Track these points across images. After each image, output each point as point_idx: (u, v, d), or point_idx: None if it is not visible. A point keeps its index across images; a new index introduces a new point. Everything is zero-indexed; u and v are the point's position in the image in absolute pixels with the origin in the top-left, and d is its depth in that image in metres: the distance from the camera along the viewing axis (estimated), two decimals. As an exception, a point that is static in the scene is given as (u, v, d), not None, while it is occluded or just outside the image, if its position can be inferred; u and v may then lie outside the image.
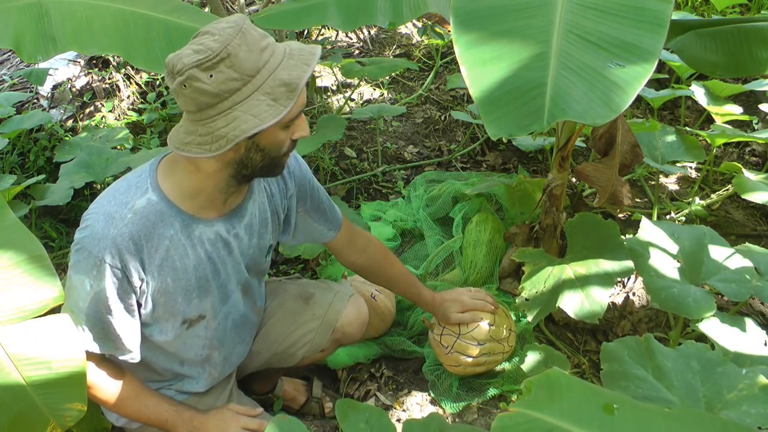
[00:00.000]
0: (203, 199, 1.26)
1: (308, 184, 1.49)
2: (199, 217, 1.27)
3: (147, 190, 1.22)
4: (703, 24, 1.99)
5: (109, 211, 1.20)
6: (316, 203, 1.52)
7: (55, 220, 2.60)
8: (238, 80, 1.09)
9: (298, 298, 1.66)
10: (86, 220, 1.22)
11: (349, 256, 1.64)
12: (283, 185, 1.44)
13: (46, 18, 1.67)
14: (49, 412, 1.20)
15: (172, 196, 1.23)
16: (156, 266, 1.24)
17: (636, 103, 3.10)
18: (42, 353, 1.21)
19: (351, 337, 1.70)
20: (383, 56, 3.77)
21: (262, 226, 1.41)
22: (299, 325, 1.63)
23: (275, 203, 1.43)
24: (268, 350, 1.64)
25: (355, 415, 1.27)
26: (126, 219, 1.19)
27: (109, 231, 1.18)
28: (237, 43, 1.09)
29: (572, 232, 1.90)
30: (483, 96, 1.19)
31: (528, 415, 0.87)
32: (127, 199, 1.21)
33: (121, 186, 1.25)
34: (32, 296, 1.23)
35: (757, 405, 1.15)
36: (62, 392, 1.22)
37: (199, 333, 1.38)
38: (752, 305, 2.10)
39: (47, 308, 1.24)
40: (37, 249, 1.27)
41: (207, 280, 1.32)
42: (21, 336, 1.21)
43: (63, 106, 3.03)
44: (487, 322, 1.73)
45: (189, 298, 1.31)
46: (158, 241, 1.23)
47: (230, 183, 1.25)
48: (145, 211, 1.21)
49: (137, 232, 1.20)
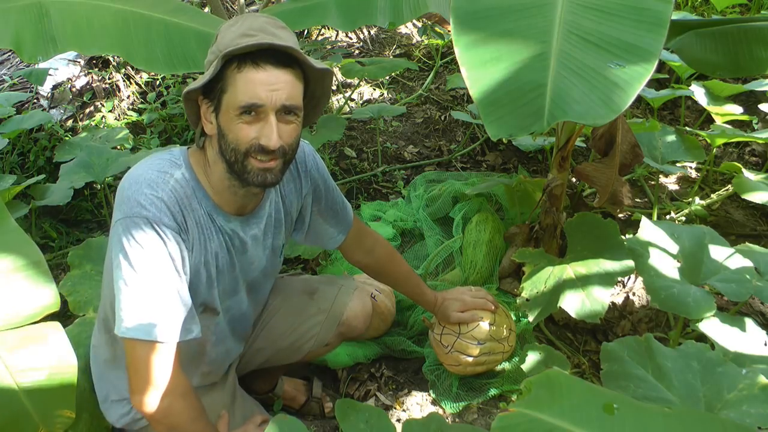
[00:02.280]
0: (225, 195, 1.27)
1: (324, 185, 1.48)
2: (221, 207, 1.27)
3: (181, 166, 1.23)
4: (703, 24, 1.99)
5: (150, 177, 1.19)
6: (330, 204, 1.51)
7: (55, 220, 2.60)
8: (214, 53, 1.17)
9: (303, 293, 1.66)
10: (125, 193, 1.17)
11: (356, 255, 1.65)
12: (299, 184, 1.43)
13: (46, 18, 1.67)
14: (39, 418, 1.21)
15: (201, 181, 1.25)
16: (194, 237, 1.23)
17: (636, 103, 3.11)
18: (35, 359, 1.21)
19: (356, 330, 1.70)
20: (383, 56, 3.77)
21: (277, 227, 1.41)
22: (305, 319, 1.63)
23: (288, 203, 1.43)
24: (272, 346, 1.64)
25: (355, 415, 1.27)
26: (169, 184, 1.19)
27: (157, 193, 1.17)
28: (229, 24, 1.17)
29: (572, 232, 1.90)
30: (483, 96, 1.19)
31: (528, 415, 0.87)
32: (165, 168, 1.21)
33: (154, 160, 1.24)
34: (28, 302, 1.24)
35: (757, 405, 1.15)
36: (53, 399, 1.22)
37: (207, 323, 1.36)
38: (752, 305, 2.10)
39: (42, 314, 1.25)
40: (35, 254, 1.27)
41: (223, 269, 1.32)
42: (15, 342, 1.21)
43: (63, 106, 3.03)
44: (487, 321, 1.73)
45: (210, 283, 1.31)
46: (194, 214, 1.23)
47: (231, 181, 1.24)
48: (182, 182, 1.22)
49: (180, 199, 1.20)
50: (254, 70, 1.13)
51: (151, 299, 1.15)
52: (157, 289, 1.16)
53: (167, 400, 1.19)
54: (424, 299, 1.75)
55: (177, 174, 1.22)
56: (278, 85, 1.14)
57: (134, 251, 1.14)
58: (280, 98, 1.14)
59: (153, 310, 1.15)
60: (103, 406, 1.44)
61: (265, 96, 1.13)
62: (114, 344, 1.36)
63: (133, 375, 1.18)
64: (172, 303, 1.17)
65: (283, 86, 1.14)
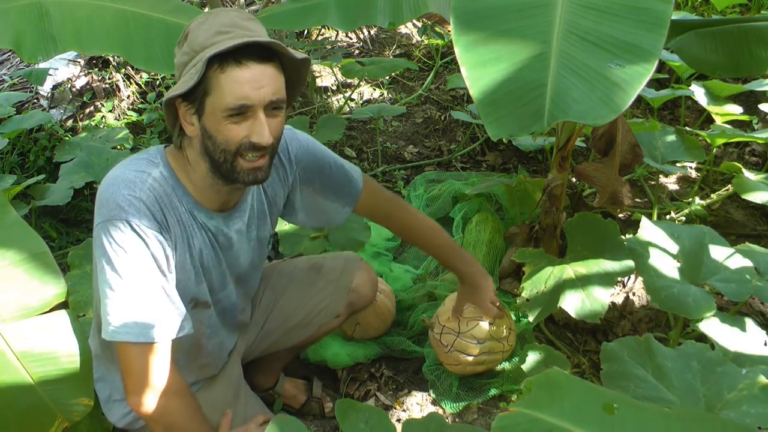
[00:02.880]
0: (205, 193, 1.26)
1: (316, 166, 1.44)
2: (202, 204, 1.26)
3: (159, 164, 1.22)
4: (703, 24, 1.99)
5: (128, 177, 1.17)
6: (328, 181, 1.47)
7: (55, 220, 2.60)
8: (187, 54, 1.15)
9: (310, 270, 1.66)
10: (103, 196, 1.16)
11: (372, 219, 1.65)
12: (282, 172, 1.41)
13: (46, 18, 1.67)
14: (56, 407, 1.22)
15: (180, 178, 1.24)
16: (176, 235, 1.22)
17: (636, 103, 3.11)
18: (47, 349, 1.22)
19: (365, 299, 1.69)
20: (383, 56, 3.77)
21: (261, 218, 1.40)
22: (314, 293, 1.64)
23: (272, 193, 1.41)
24: (283, 326, 1.64)
25: (355, 415, 1.27)
26: (147, 183, 1.18)
27: (135, 193, 1.15)
28: (199, 22, 1.15)
29: (572, 232, 1.90)
30: (483, 97, 1.19)
31: (528, 415, 0.87)
32: (142, 167, 1.20)
33: (131, 160, 1.22)
34: (36, 293, 1.24)
35: (757, 405, 1.15)
36: (68, 387, 1.23)
37: (200, 318, 1.36)
38: (752, 305, 2.10)
39: (51, 305, 1.25)
40: (40, 246, 1.28)
41: (209, 265, 1.32)
42: (26, 333, 1.22)
43: (63, 106, 3.03)
44: (487, 321, 1.73)
45: (199, 279, 1.30)
46: (174, 212, 1.22)
47: (215, 180, 1.22)
48: (161, 181, 1.20)
49: (159, 198, 1.18)
50: (239, 69, 1.11)
51: (138, 301, 1.14)
52: (144, 290, 1.15)
53: (163, 400, 1.19)
54: (456, 267, 1.68)
55: (155, 173, 1.20)
56: (263, 81, 1.12)
57: (117, 255, 1.13)
58: (267, 94, 1.13)
59: (141, 311, 1.14)
60: (105, 407, 1.43)
61: (254, 95, 1.12)
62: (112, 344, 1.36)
63: (127, 377, 1.18)
64: (160, 303, 1.17)
65: (268, 81, 1.13)
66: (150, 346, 1.16)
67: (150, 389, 1.18)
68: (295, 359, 1.95)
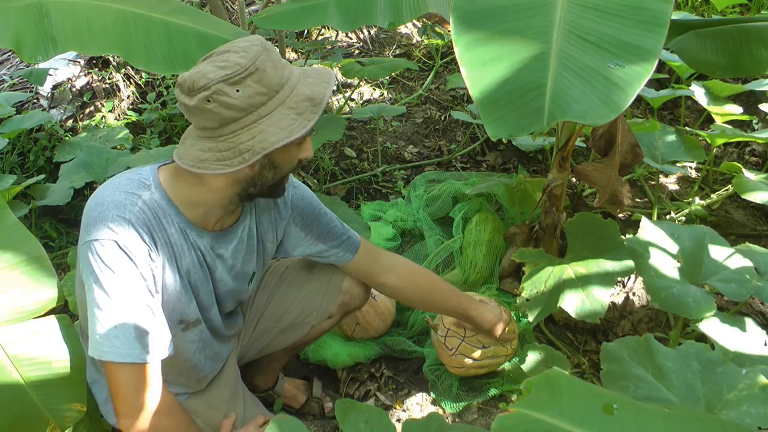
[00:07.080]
0: (201, 211, 1.26)
1: (313, 212, 1.48)
2: (195, 223, 1.27)
3: (150, 187, 1.22)
4: (703, 24, 1.99)
5: (118, 199, 1.17)
6: (325, 229, 1.50)
7: (55, 220, 2.60)
8: (265, 95, 1.12)
9: (302, 269, 1.66)
10: (91, 215, 1.17)
11: (378, 276, 1.60)
12: (276, 214, 1.44)
13: (46, 18, 1.67)
14: (48, 412, 1.20)
15: (173, 199, 1.23)
16: (165, 258, 1.22)
17: (636, 103, 3.11)
18: (41, 354, 1.21)
19: (357, 299, 1.67)
20: (383, 56, 3.77)
21: (248, 252, 1.40)
22: (306, 292, 1.64)
23: (262, 231, 1.42)
24: (276, 326, 1.64)
25: (355, 415, 1.27)
26: (137, 206, 1.18)
27: (124, 215, 1.15)
28: (264, 59, 1.12)
29: (572, 232, 1.90)
30: (483, 96, 1.19)
31: (528, 415, 0.87)
32: (132, 189, 1.20)
33: (122, 180, 1.23)
34: (31, 297, 1.23)
35: (757, 405, 1.15)
36: (62, 393, 1.21)
37: (192, 338, 1.37)
38: (752, 305, 2.10)
39: (46, 309, 1.24)
40: (37, 249, 1.27)
41: (197, 284, 1.32)
42: (20, 336, 1.21)
43: (63, 106, 3.03)
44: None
45: (189, 298, 1.31)
46: (163, 234, 1.22)
47: (233, 200, 1.25)
48: (151, 204, 1.20)
49: (148, 221, 1.19)
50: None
51: (126, 322, 1.14)
52: (132, 311, 1.15)
53: (155, 420, 1.18)
54: (470, 319, 1.67)
55: (145, 195, 1.20)
56: None
57: (105, 276, 1.13)
58: None
59: (129, 332, 1.14)
60: (104, 409, 1.43)
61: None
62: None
63: (116, 399, 1.16)
64: (148, 323, 1.16)
65: None
66: (139, 366, 1.15)
67: (140, 411, 1.16)
68: (295, 359, 1.96)
